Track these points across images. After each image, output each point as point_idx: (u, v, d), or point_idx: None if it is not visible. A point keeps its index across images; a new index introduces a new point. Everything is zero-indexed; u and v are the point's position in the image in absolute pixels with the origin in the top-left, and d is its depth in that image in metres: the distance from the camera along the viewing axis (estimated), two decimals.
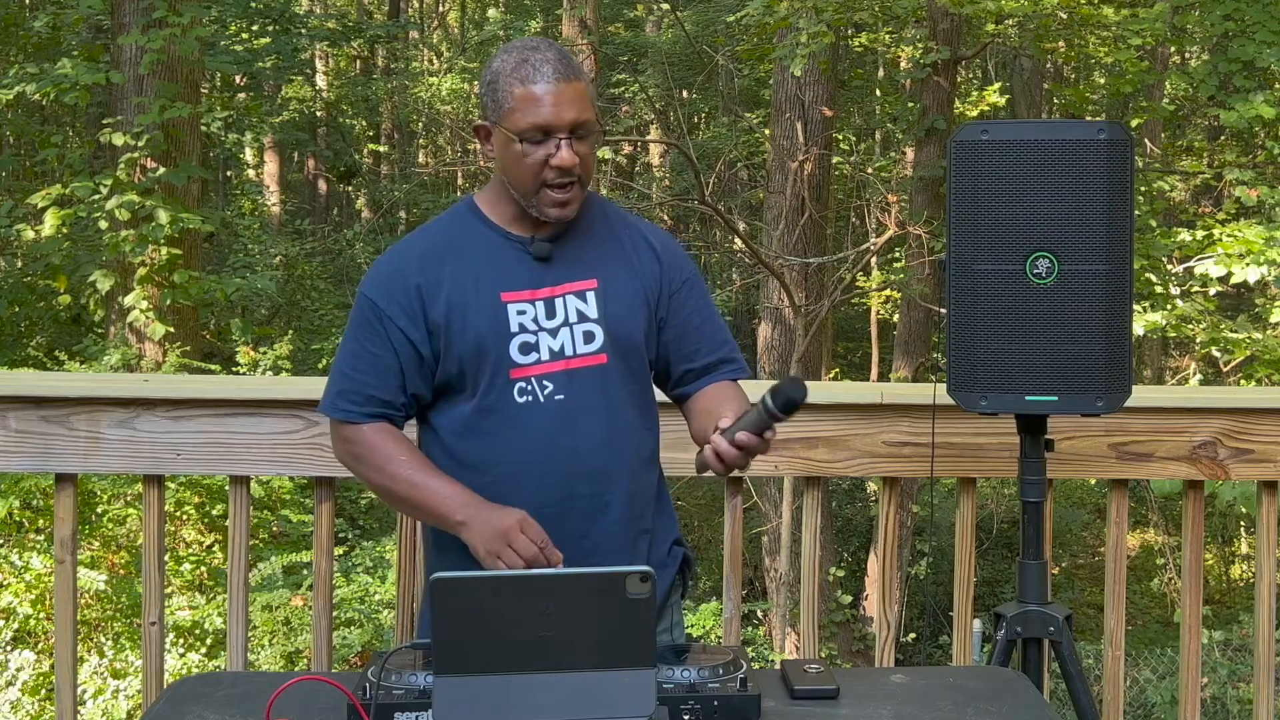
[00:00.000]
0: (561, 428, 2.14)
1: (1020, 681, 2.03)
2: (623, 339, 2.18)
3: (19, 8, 13.14)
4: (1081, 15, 9.01)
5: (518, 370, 2.13)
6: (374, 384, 2.16)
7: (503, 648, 1.63)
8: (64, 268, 9.25)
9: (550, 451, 2.13)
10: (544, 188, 2.11)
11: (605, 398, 2.17)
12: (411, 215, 17.54)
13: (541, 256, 2.16)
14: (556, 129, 2.08)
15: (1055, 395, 2.45)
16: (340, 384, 2.19)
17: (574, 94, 2.10)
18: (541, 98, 2.08)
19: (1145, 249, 7.91)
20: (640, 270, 2.22)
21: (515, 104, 2.09)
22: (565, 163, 2.08)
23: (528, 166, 2.10)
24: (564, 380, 2.14)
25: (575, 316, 2.16)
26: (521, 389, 2.13)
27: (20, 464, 2.83)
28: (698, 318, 2.28)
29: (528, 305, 2.14)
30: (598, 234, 2.23)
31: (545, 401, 2.13)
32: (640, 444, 2.22)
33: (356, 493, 9.76)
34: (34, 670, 5.95)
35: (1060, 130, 2.51)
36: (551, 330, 2.14)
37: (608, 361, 2.17)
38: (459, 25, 22.38)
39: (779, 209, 9.94)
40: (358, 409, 2.17)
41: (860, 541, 12.36)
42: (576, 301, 2.16)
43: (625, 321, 2.18)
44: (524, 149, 2.09)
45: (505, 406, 2.13)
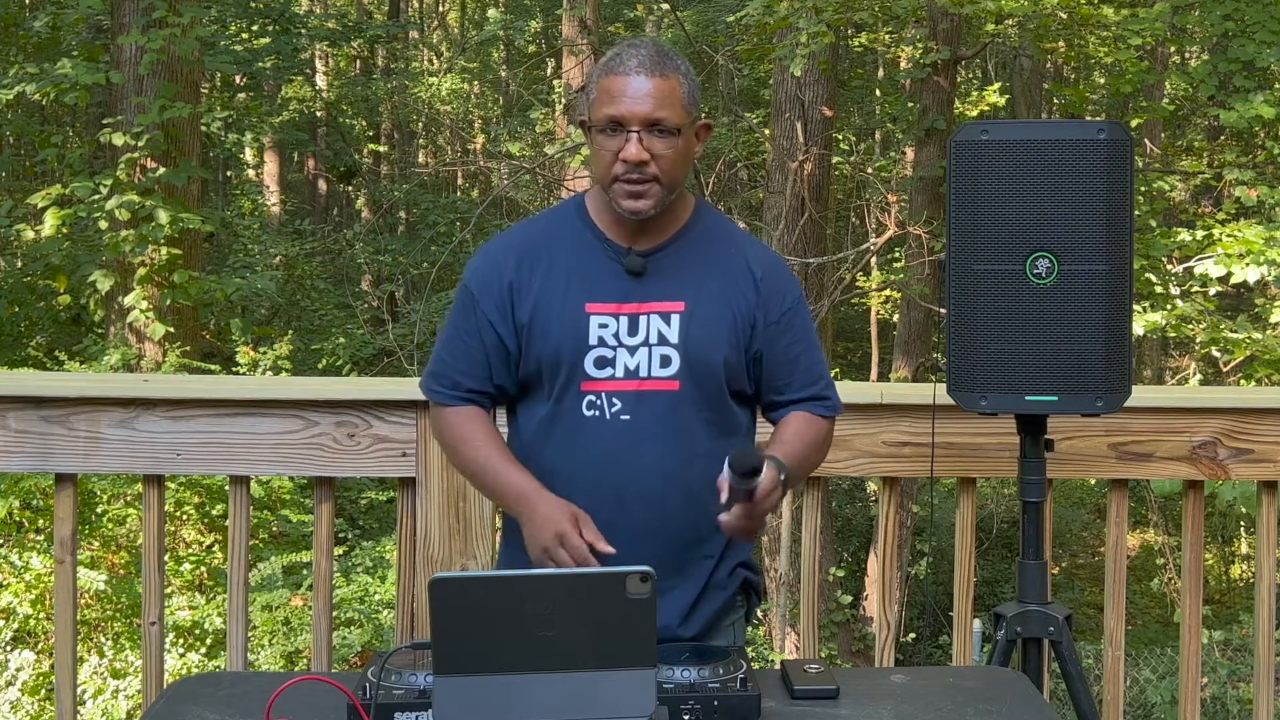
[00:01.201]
0: (623, 447, 2.13)
1: (1020, 681, 2.03)
2: (700, 367, 2.14)
3: (19, 8, 13.14)
4: (1081, 15, 9.00)
5: (589, 383, 2.14)
6: (463, 370, 2.22)
7: (503, 648, 1.63)
8: (64, 268, 9.25)
9: (607, 469, 2.13)
10: (617, 181, 2.10)
11: (674, 424, 2.14)
12: (411, 215, 17.54)
13: (634, 271, 2.15)
14: (628, 122, 2.08)
15: (1055, 395, 2.45)
16: (435, 365, 2.26)
17: (655, 89, 2.08)
18: (619, 90, 2.08)
19: (1145, 249, 7.91)
20: (734, 298, 2.18)
21: (598, 95, 2.12)
22: (631, 157, 2.07)
23: (602, 158, 2.11)
24: (633, 401, 2.13)
25: (655, 338, 2.14)
26: (590, 402, 2.14)
27: (20, 464, 2.83)
28: (793, 352, 2.24)
29: (611, 319, 2.14)
30: (696, 253, 2.19)
31: (611, 419, 2.14)
32: (710, 473, 2.08)
33: (356, 493, 9.77)
34: (34, 670, 5.94)
35: (1060, 130, 2.51)
36: (631, 348, 2.14)
37: (680, 389, 2.14)
38: (459, 25, 22.37)
39: (779, 209, 9.94)
40: (446, 391, 2.23)
41: (860, 541, 12.36)
42: (660, 323, 2.14)
43: (706, 350, 2.14)
44: (600, 140, 2.11)
45: (573, 416, 2.15)
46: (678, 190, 2.17)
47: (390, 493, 8.77)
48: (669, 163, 2.10)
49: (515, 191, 13.56)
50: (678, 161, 2.12)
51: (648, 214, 2.12)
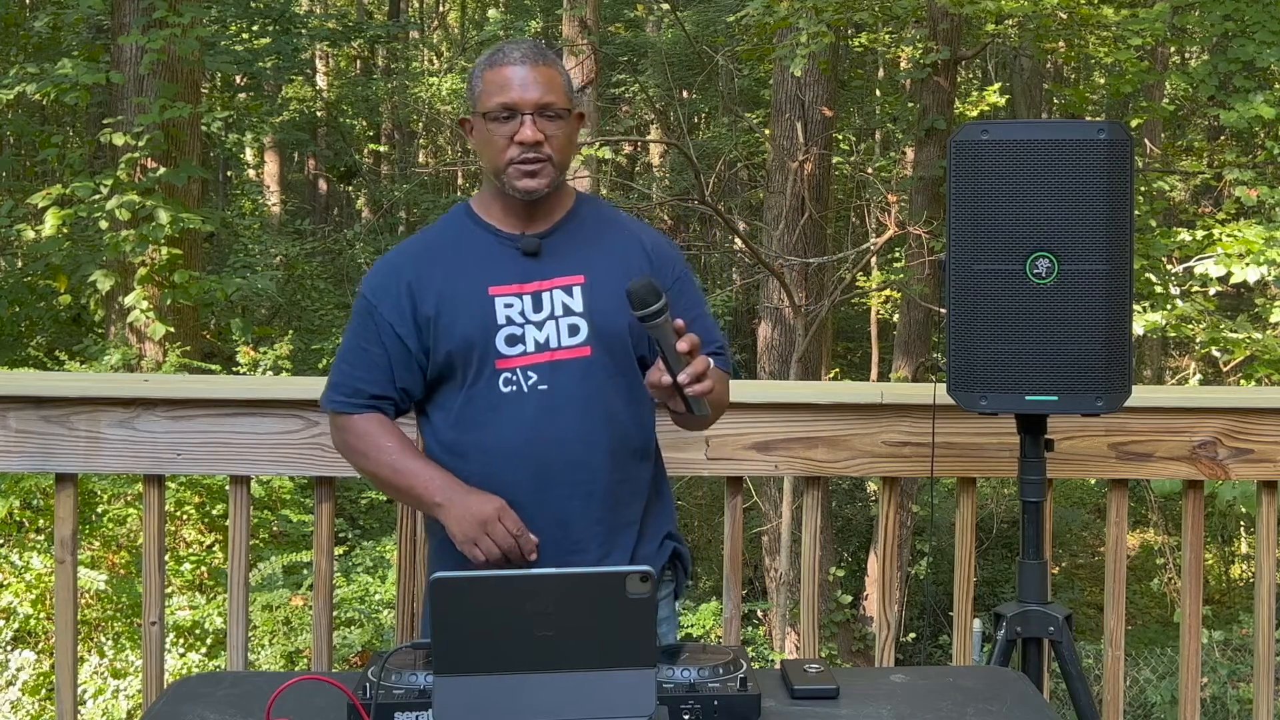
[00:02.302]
0: (543, 416, 2.20)
1: (1020, 681, 2.03)
2: (607, 333, 2.23)
3: (19, 8, 13.14)
4: (1081, 15, 9.00)
5: (503, 361, 2.21)
6: (364, 377, 2.26)
7: (503, 648, 1.63)
8: (64, 268, 9.25)
9: (531, 439, 2.20)
10: (511, 165, 2.20)
11: (589, 389, 2.22)
12: (411, 215, 17.55)
13: (530, 251, 2.24)
14: (521, 106, 2.18)
15: (1055, 395, 2.45)
16: (335, 377, 2.30)
17: (541, 77, 2.20)
18: (507, 78, 2.19)
19: (1145, 249, 7.91)
20: (629, 269, 2.25)
21: (485, 87, 2.22)
22: (527, 138, 2.17)
23: (496, 144, 2.20)
24: (548, 371, 2.21)
25: (561, 310, 2.22)
26: (507, 379, 2.21)
27: (20, 464, 2.83)
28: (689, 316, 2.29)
29: (515, 299, 2.22)
30: (588, 232, 2.30)
31: (529, 391, 2.20)
32: (628, 436, 2.26)
33: (356, 493, 9.77)
34: (34, 670, 5.95)
35: (1060, 130, 2.51)
36: (538, 323, 2.21)
37: (592, 354, 2.23)
38: (459, 25, 22.38)
39: (779, 209, 9.94)
40: (348, 400, 2.27)
41: (860, 541, 12.36)
42: (563, 296, 2.23)
43: (611, 316, 2.22)
44: (492, 128, 2.20)
45: (490, 396, 2.21)
46: (565, 172, 2.28)
47: None
48: (559, 143, 2.22)
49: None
50: (566, 143, 2.24)
51: (541, 193, 2.22)
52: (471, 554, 2.14)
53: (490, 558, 2.13)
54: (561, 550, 2.19)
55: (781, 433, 2.79)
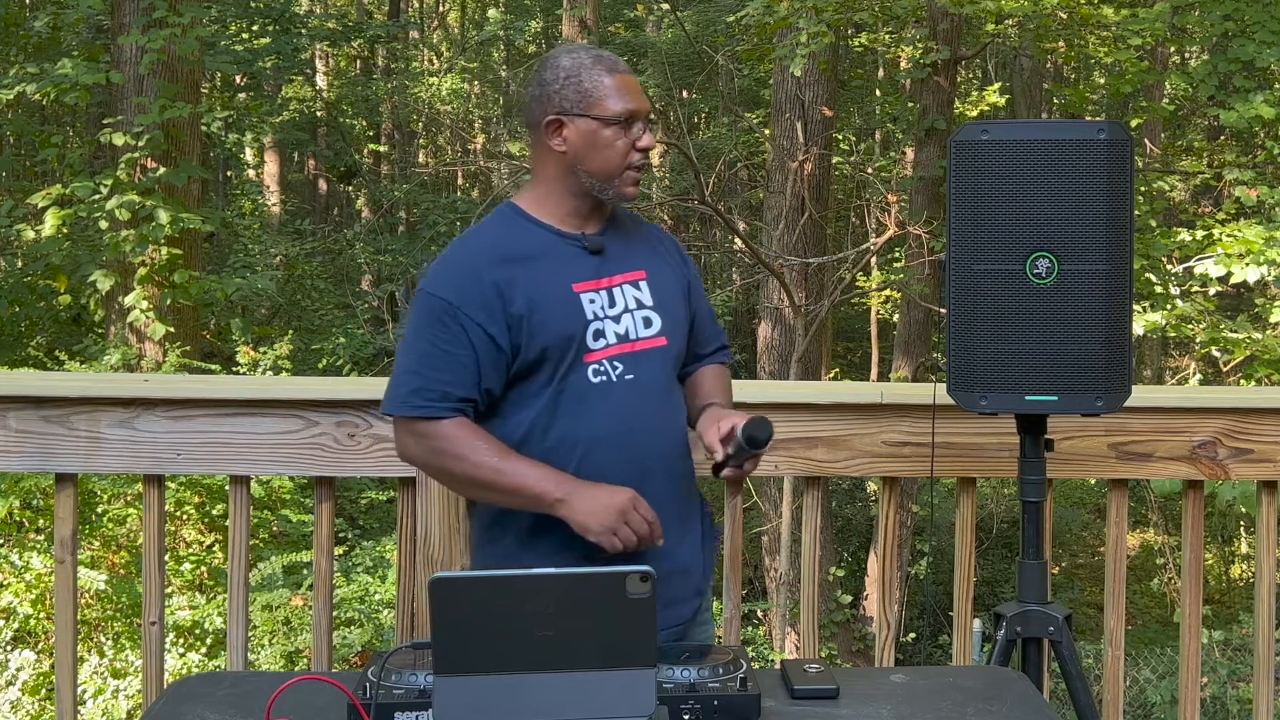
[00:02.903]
0: (633, 405, 2.27)
1: (1020, 681, 2.03)
2: (675, 323, 2.35)
3: (19, 8, 13.14)
4: (1081, 15, 9.00)
5: (590, 355, 2.26)
6: (449, 380, 2.21)
7: (503, 648, 1.63)
8: (64, 268, 9.25)
9: (625, 427, 2.26)
10: (627, 170, 2.28)
11: (667, 377, 2.34)
12: (412, 215, 17.55)
13: (596, 250, 2.30)
14: (640, 114, 2.27)
15: (1055, 395, 2.45)
16: (412, 383, 2.22)
17: (641, 86, 2.33)
18: (629, 86, 2.28)
19: (1145, 249, 7.91)
20: (672, 265, 2.41)
21: (606, 91, 2.25)
22: (648, 144, 2.28)
23: (618, 149, 2.26)
24: (631, 361, 2.28)
25: (634, 304, 2.31)
26: (595, 370, 2.26)
27: (20, 464, 2.83)
28: (705, 310, 2.49)
29: (595, 294, 2.28)
30: (630, 232, 2.40)
31: (617, 381, 2.26)
32: (685, 423, 2.39)
33: (356, 493, 9.76)
34: (34, 670, 5.94)
35: (1060, 130, 2.50)
36: (614, 317, 2.28)
37: (667, 344, 2.33)
38: (459, 25, 22.37)
39: (779, 209, 9.94)
40: (435, 404, 2.21)
41: (860, 541, 12.36)
42: (632, 290, 2.32)
43: (675, 307, 2.36)
44: (615, 133, 2.25)
45: (581, 387, 2.25)
46: None
47: (390, 493, 8.78)
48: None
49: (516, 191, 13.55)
50: None
51: (636, 198, 2.35)
52: (609, 544, 2.16)
53: (628, 546, 2.16)
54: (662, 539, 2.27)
55: (781, 433, 2.77)
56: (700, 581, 2.39)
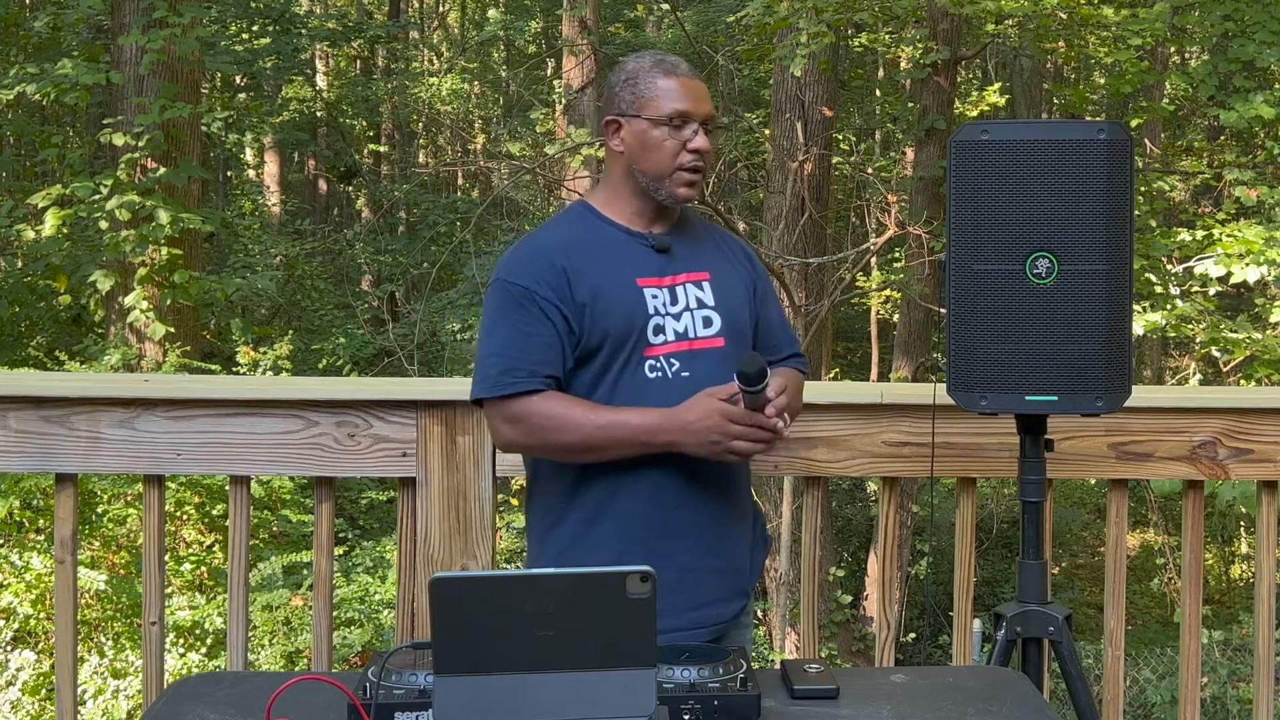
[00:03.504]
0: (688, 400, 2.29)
1: (1020, 681, 2.03)
2: (736, 324, 2.39)
3: (19, 8, 13.14)
4: (1081, 15, 9.00)
5: (650, 349, 2.31)
6: (537, 359, 2.28)
7: (503, 648, 1.63)
8: (64, 268, 9.25)
9: None
10: (678, 170, 2.34)
11: (723, 377, 2.32)
12: (412, 215, 17.54)
13: (662, 248, 2.37)
14: (694, 116, 2.34)
15: (1055, 395, 2.45)
16: (500, 365, 2.29)
17: (705, 92, 2.38)
18: (684, 88, 2.34)
19: (1145, 249, 7.90)
20: (739, 268, 2.47)
21: (659, 93, 2.34)
22: (702, 146, 2.34)
23: (667, 149, 2.33)
24: (688, 359, 2.33)
25: (695, 303, 2.36)
26: (652, 365, 2.31)
27: (20, 464, 2.83)
28: (776, 315, 2.56)
29: (657, 290, 2.34)
30: (700, 235, 2.47)
31: (673, 378, 2.31)
32: None
33: (356, 493, 9.76)
34: (34, 670, 5.95)
35: (1060, 130, 2.50)
36: (675, 314, 2.34)
37: (725, 345, 2.36)
38: (459, 25, 22.37)
39: (779, 209, 9.94)
40: (524, 380, 2.27)
41: (860, 541, 12.36)
42: (695, 290, 2.37)
43: (737, 310, 2.40)
44: (664, 133, 2.33)
45: (638, 380, 2.30)
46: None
47: (390, 493, 8.77)
48: (712, 156, 2.42)
49: (515, 192, 13.56)
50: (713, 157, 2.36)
51: (693, 200, 2.39)
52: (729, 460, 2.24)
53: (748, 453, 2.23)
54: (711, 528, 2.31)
55: None
56: (746, 583, 2.43)
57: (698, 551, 2.31)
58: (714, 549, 2.32)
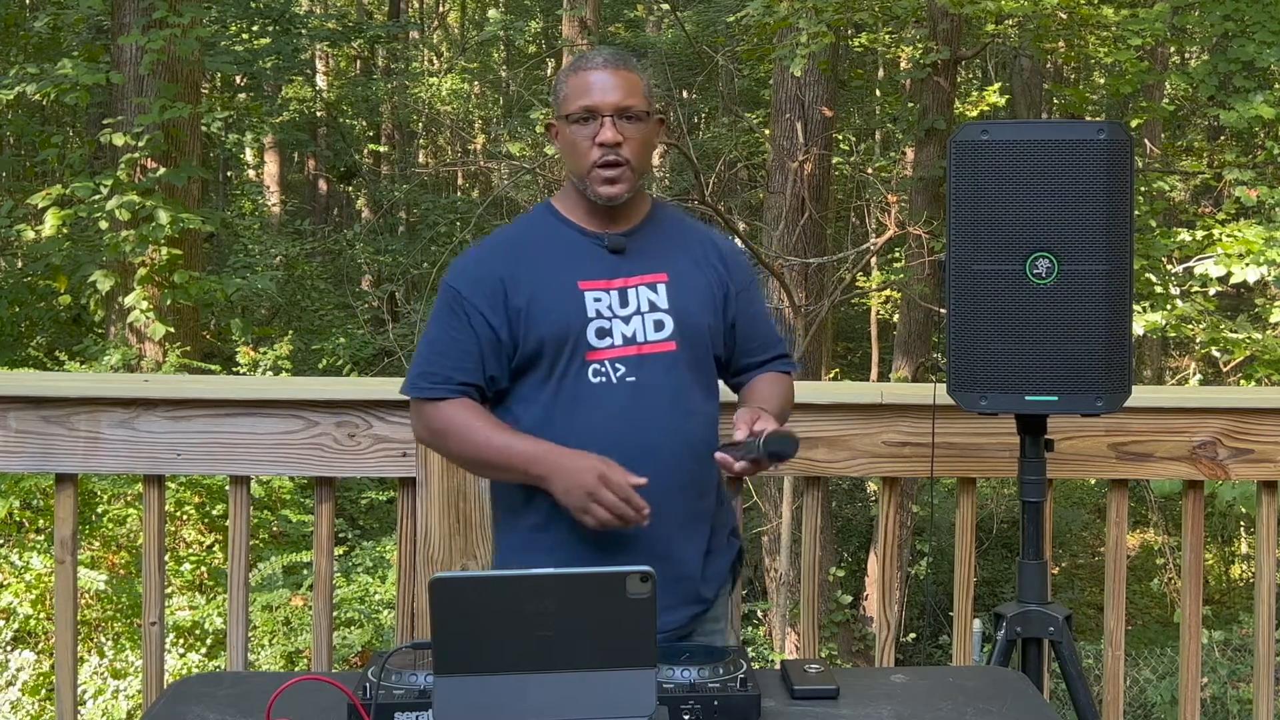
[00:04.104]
0: (631, 408, 2.27)
1: (1020, 681, 2.03)
2: (690, 329, 2.32)
3: (19, 8, 13.15)
4: (1081, 15, 9.00)
5: (593, 353, 2.27)
6: (453, 365, 2.30)
7: (503, 648, 1.63)
8: (64, 268, 9.25)
9: (620, 429, 2.26)
10: (594, 168, 2.27)
11: (674, 383, 2.31)
12: (412, 215, 17.55)
13: (616, 249, 2.32)
14: (601, 109, 2.26)
15: (1055, 395, 2.45)
16: (423, 366, 2.33)
17: (622, 81, 2.28)
18: (589, 82, 2.28)
19: (1145, 249, 7.91)
20: (706, 269, 2.38)
21: (568, 91, 2.30)
22: (607, 139, 2.25)
23: (578, 147, 2.28)
24: (636, 364, 2.28)
25: (647, 306, 2.30)
26: (596, 370, 2.27)
27: (20, 464, 2.83)
28: (759, 317, 2.49)
29: (603, 294, 2.29)
30: (666, 234, 2.39)
31: (618, 383, 2.27)
32: (705, 430, 2.33)
33: (356, 493, 9.76)
34: (34, 670, 5.94)
35: (1060, 130, 2.50)
36: (624, 318, 2.29)
37: (676, 349, 2.30)
38: (459, 25, 22.37)
39: (779, 209, 9.94)
40: (437, 386, 2.30)
41: (860, 541, 12.36)
42: (648, 292, 2.31)
43: (693, 313, 2.33)
44: (574, 130, 2.28)
45: (580, 386, 2.27)
46: (644, 177, 2.35)
47: (390, 493, 8.77)
48: (638, 146, 2.29)
49: (515, 192, 13.56)
50: (645, 146, 2.31)
51: (622, 199, 2.30)
52: (584, 522, 2.17)
53: (602, 523, 2.16)
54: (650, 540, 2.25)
55: None
56: (696, 591, 2.34)
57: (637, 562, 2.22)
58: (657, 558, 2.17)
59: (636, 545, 2.23)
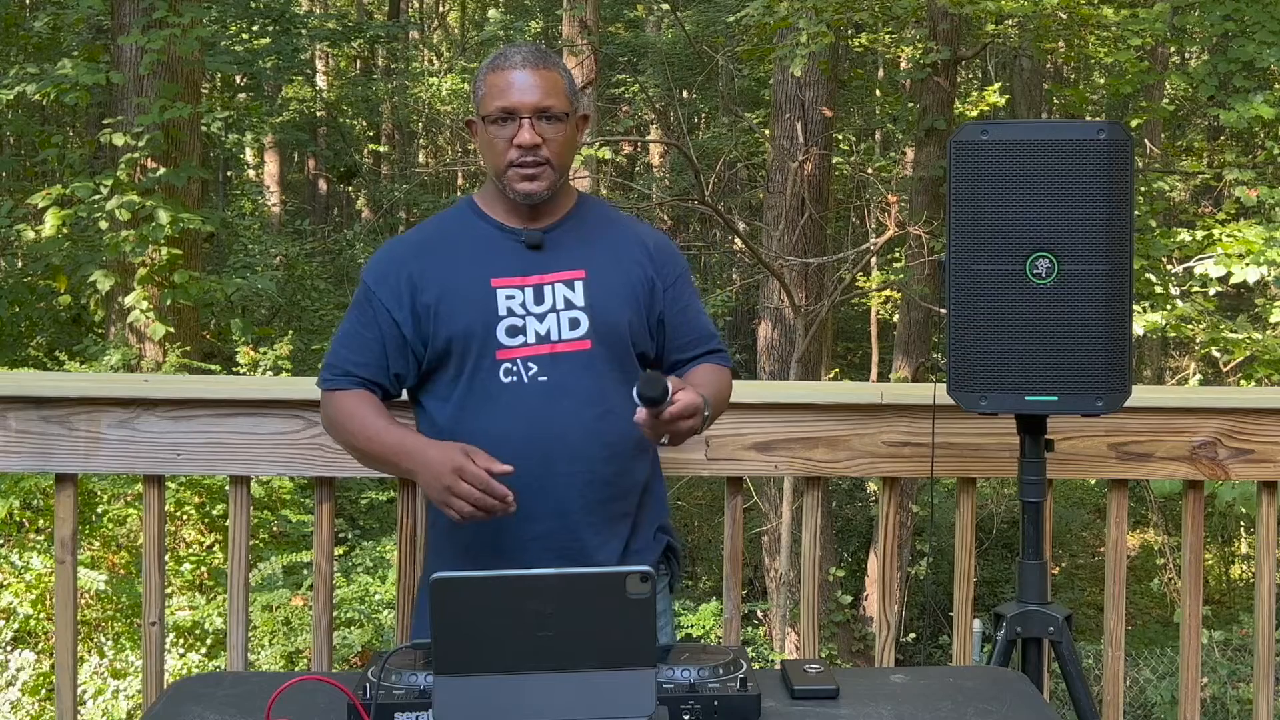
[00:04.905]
0: (544, 407, 2.24)
1: (1020, 681, 2.03)
2: (606, 326, 2.28)
3: (19, 8, 13.15)
4: (1081, 15, 9.00)
5: (504, 351, 2.24)
6: (357, 360, 2.31)
7: (503, 648, 1.63)
8: (64, 268, 9.25)
9: (532, 428, 2.23)
10: (511, 167, 2.24)
11: (589, 381, 2.26)
12: (412, 215, 17.54)
13: (533, 245, 2.29)
14: (519, 110, 2.23)
15: (1055, 395, 2.45)
16: (329, 358, 2.36)
17: (540, 80, 2.24)
18: (508, 82, 2.24)
19: (1145, 249, 7.91)
20: (630, 265, 2.33)
21: (486, 90, 2.26)
22: (524, 141, 2.22)
23: (497, 148, 2.25)
24: (548, 363, 2.25)
25: (562, 303, 2.26)
26: (507, 369, 2.24)
27: (20, 464, 2.83)
28: (690, 312, 2.42)
29: (516, 291, 2.26)
30: (589, 229, 2.35)
31: (529, 382, 2.24)
32: (625, 429, 2.21)
33: (356, 493, 9.77)
34: (34, 670, 5.94)
35: (1060, 130, 2.50)
36: (539, 315, 2.26)
37: (592, 348, 2.27)
38: (459, 25, 22.38)
39: (779, 209, 9.94)
40: (339, 378, 2.32)
41: (860, 541, 12.36)
42: (564, 290, 2.27)
43: (611, 311, 2.28)
44: (492, 131, 2.25)
45: (491, 385, 2.25)
46: (566, 174, 2.32)
47: (390, 493, 8.77)
48: (558, 146, 2.26)
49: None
50: (565, 146, 2.28)
51: (541, 196, 2.27)
52: (448, 515, 2.14)
53: (465, 515, 2.11)
54: (559, 538, 2.23)
55: (781, 433, 2.79)
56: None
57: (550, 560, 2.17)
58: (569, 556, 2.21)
59: (548, 543, 2.22)
